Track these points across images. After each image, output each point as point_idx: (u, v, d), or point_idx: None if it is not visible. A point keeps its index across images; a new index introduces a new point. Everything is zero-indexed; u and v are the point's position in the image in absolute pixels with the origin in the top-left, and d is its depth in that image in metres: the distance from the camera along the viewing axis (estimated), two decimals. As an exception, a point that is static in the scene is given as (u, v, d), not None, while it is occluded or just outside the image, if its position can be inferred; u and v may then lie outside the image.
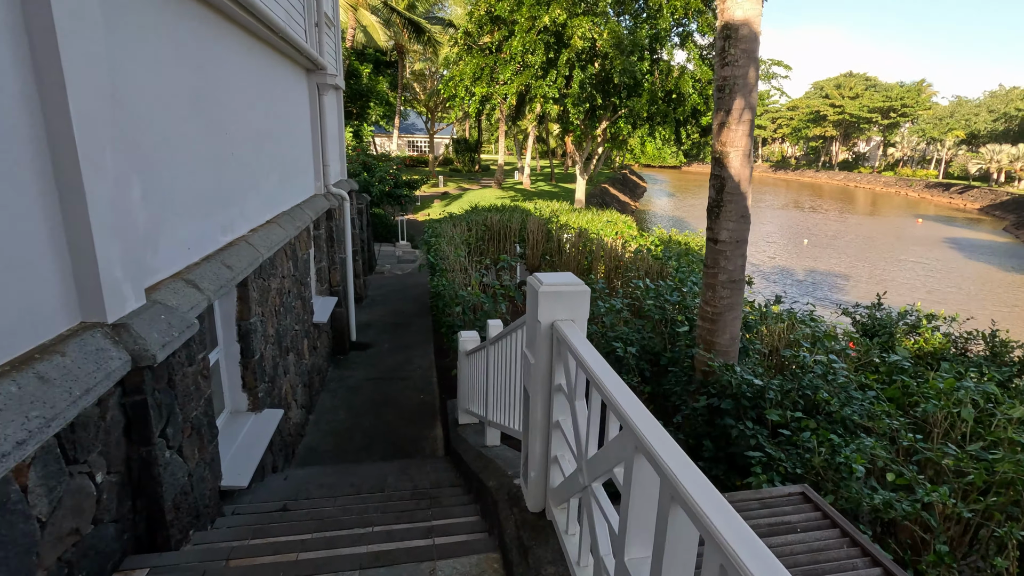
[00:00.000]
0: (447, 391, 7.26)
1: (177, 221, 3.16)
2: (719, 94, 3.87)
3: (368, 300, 11.34)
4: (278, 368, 5.04)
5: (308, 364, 6.39)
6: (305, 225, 5.99)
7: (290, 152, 6.07)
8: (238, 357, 4.26)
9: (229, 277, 3.54)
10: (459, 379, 5.09)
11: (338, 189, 8.05)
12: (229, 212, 4.03)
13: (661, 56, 18.94)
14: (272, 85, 5.35)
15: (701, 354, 4.18)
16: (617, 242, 9.11)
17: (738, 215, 3.99)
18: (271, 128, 5.23)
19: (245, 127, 4.44)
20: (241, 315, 4.20)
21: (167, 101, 3.08)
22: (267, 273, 4.73)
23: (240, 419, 4.29)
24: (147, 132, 2.84)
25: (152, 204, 2.86)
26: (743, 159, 3.92)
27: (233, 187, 4.13)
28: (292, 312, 5.63)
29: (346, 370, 7.84)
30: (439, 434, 6.18)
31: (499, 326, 3.58)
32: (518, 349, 2.73)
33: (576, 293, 1.86)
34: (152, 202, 2.86)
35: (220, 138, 3.88)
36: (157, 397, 2.45)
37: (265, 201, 4.97)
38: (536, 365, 1.93)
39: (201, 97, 3.57)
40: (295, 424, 5.69)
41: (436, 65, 39.35)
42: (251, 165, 4.57)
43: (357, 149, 19.41)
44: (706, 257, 4.22)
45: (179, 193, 3.19)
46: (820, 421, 3.52)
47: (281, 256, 5.24)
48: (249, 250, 4.12)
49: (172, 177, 3.12)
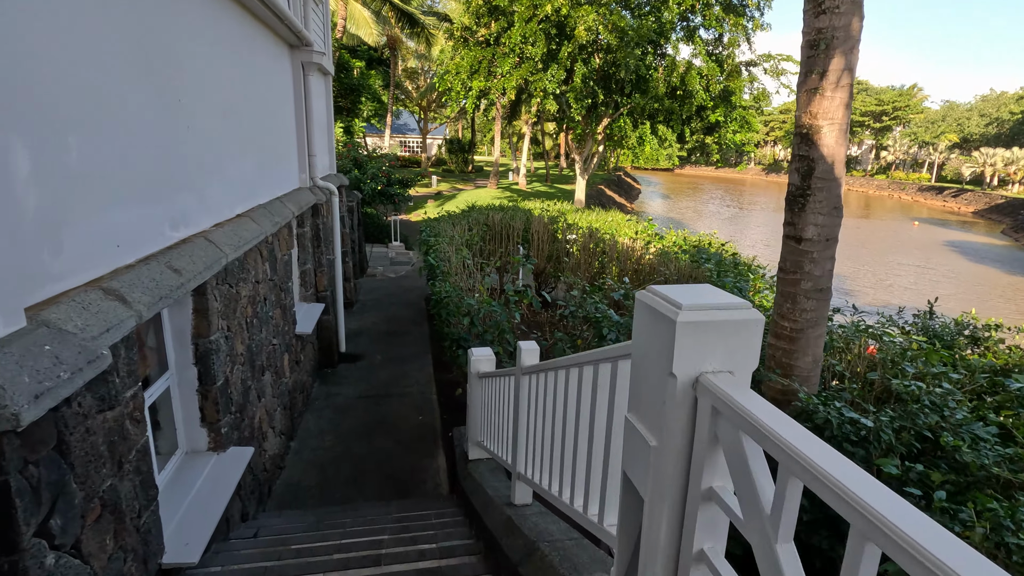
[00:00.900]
0: (449, 410, 6.40)
1: (97, 207, 2.29)
2: (810, 52, 3.06)
3: (359, 305, 10.45)
4: (249, 393, 4.16)
5: (289, 383, 5.51)
6: (286, 221, 5.11)
7: (269, 136, 5.20)
8: (195, 384, 3.39)
9: (176, 284, 2.67)
10: (469, 404, 4.24)
11: (326, 183, 7.17)
12: (182, 200, 3.16)
13: (666, 50, 18.23)
14: (248, 55, 4.48)
15: (776, 380, 3.38)
16: (635, 243, 8.31)
17: (830, 206, 3.18)
18: (245, 104, 4.36)
19: (209, 97, 3.57)
20: (198, 331, 3.33)
21: (88, 46, 2.21)
22: (235, 277, 3.85)
23: (197, 462, 3.41)
24: (48, 80, 1.98)
25: (54, 182, 2.00)
26: (839, 135, 3.11)
27: (189, 169, 3.26)
28: (269, 324, 4.76)
29: (334, 386, 6.95)
30: (441, 464, 5.32)
31: (534, 351, 2.73)
32: (585, 392, 1.89)
33: (742, 323, 1.04)
34: (54, 179, 2.00)
35: (171, 106, 3.01)
36: (32, 475, 1.58)
37: (235, 190, 4.09)
38: (661, 450, 1.10)
39: (146, 51, 2.71)
40: (272, 456, 4.81)
41: (430, 62, 38.50)
42: (216, 144, 3.70)
43: (348, 145, 18.48)
44: (783, 260, 3.41)
45: (103, 169, 2.33)
46: (944, 472, 2.73)
47: (255, 257, 4.36)
48: (209, 249, 3.25)
49: (93, 147, 2.25)
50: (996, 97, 69.68)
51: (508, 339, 5.10)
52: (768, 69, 18.10)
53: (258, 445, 4.38)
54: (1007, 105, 64.99)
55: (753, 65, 18.43)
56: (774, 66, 18.06)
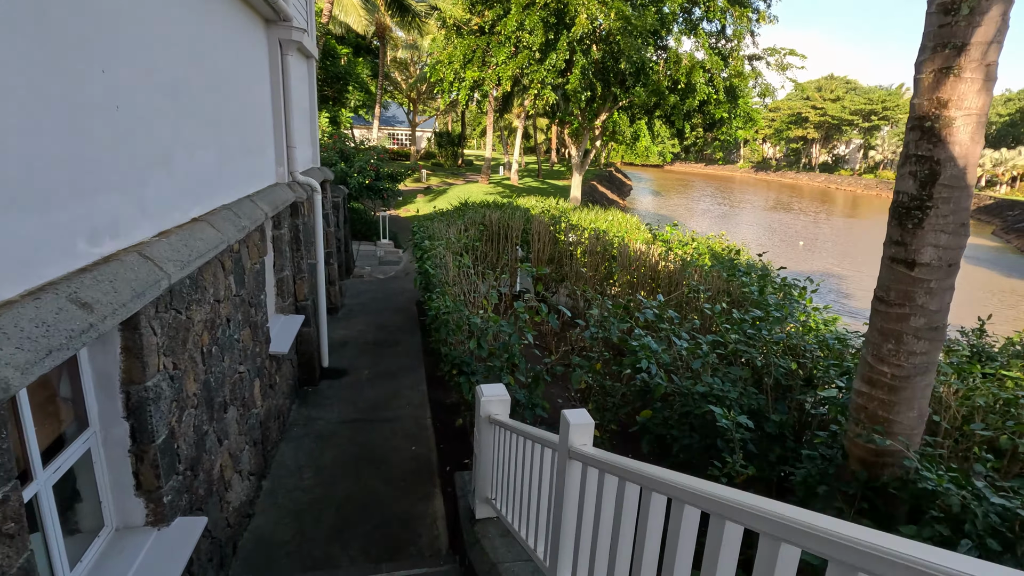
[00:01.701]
0: (446, 439, 5.65)
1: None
2: (943, 19, 2.31)
3: (345, 311, 9.64)
4: (206, 439, 3.37)
5: (261, 412, 4.71)
6: (257, 223, 4.31)
7: (238, 123, 4.39)
8: (127, 443, 2.60)
9: (80, 327, 1.89)
10: (477, 452, 3.50)
11: (308, 178, 6.35)
12: (107, 203, 2.37)
13: (668, 43, 17.51)
14: (208, 22, 3.66)
15: (871, 437, 2.66)
16: (651, 249, 7.55)
17: (957, 223, 2.44)
18: (203, 82, 3.55)
19: (150, 69, 2.77)
20: (130, 375, 2.54)
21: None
22: (185, 300, 3.06)
23: (131, 542, 2.63)
24: None
25: None
26: (975, 130, 2.37)
27: (118, 161, 2.47)
28: (234, 349, 3.96)
29: (315, 408, 6.16)
30: (439, 509, 4.57)
31: (585, 427, 1.96)
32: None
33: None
34: None
35: (88, 76, 2.21)
36: None
37: (188, 188, 3.29)
38: None
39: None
40: (238, 507, 4.02)
41: (420, 52, 37.44)
42: (160, 129, 2.89)
43: (335, 136, 17.53)
44: (884, 289, 2.69)
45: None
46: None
47: (214, 270, 3.56)
48: (143, 268, 2.46)
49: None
50: (983, 98, 70.13)
51: (519, 364, 4.35)
52: (773, 63, 17.47)
53: (219, 500, 3.60)
54: (994, 107, 65.49)
55: (757, 59, 17.79)
56: (779, 60, 17.41)
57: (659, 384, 3.43)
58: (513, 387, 4.17)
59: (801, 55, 17.32)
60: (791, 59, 17.39)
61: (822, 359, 3.73)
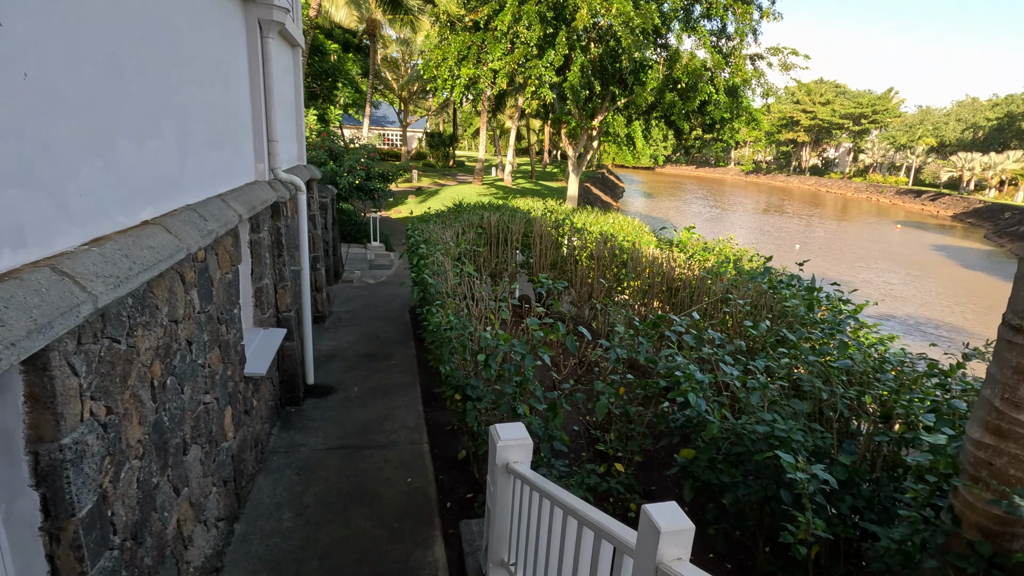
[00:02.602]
0: (446, 468, 5.04)
1: None
2: None
3: (333, 319, 8.98)
4: (157, 494, 2.74)
5: (234, 446, 4.07)
6: (229, 227, 3.68)
7: (206, 109, 3.75)
8: (37, 519, 1.97)
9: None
10: (491, 507, 2.89)
11: (291, 176, 5.72)
12: (10, 201, 1.75)
13: (668, 40, 17.04)
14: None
15: (1002, 502, 2.12)
16: (669, 256, 6.96)
17: None
18: (158, 57, 2.92)
19: (75, 30, 2.15)
20: (38, 431, 1.91)
21: None
22: (126, 324, 2.43)
23: (43, 649, 2.00)
24: None
25: None
26: None
27: (24, 147, 1.85)
28: (197, 377, 3.32)
29: (298, 432, 5.52)
30: (440, 558, 3.95)
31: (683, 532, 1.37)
32: None
33: None
34: None
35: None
36: None
37: (136, 184, 2.66)
38: None
39: None
40: (201, 564, 3.38)
41: (412, 50, 36.78)
42: (92, 109, 2.27)
43: (323, 134, 16.84)
44: (1018, 314, 2.17)
45: None
46: None
47: (170, 284, 2.93)
48: (55, 288, 1.84)
49: None
50: (971, 102, 70.87)
51: (535, 391, 3.75)
52: (777, 64, 17.03)
53: (176, 562, 2.97)
54: (982, 112, 66.09)
55: (760, 59, 17.36)
56: (783, 60, 16.98)
57: (711, 423, 2.86)
58: (527, 416, 3.57)
59: (805, 55, 16.91)
60: (793, 59, 16.97)
61: (895, 389, 3.17)
